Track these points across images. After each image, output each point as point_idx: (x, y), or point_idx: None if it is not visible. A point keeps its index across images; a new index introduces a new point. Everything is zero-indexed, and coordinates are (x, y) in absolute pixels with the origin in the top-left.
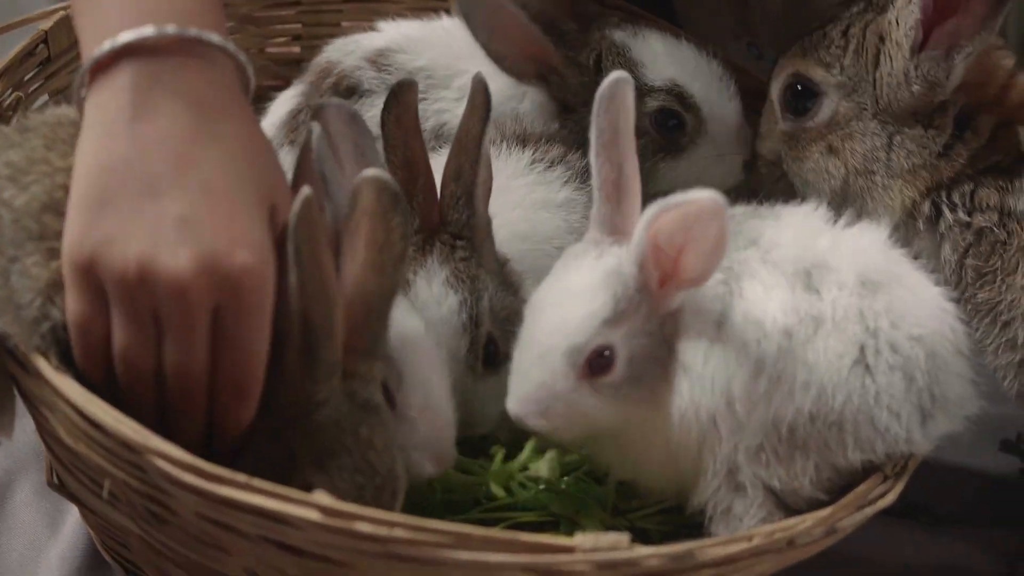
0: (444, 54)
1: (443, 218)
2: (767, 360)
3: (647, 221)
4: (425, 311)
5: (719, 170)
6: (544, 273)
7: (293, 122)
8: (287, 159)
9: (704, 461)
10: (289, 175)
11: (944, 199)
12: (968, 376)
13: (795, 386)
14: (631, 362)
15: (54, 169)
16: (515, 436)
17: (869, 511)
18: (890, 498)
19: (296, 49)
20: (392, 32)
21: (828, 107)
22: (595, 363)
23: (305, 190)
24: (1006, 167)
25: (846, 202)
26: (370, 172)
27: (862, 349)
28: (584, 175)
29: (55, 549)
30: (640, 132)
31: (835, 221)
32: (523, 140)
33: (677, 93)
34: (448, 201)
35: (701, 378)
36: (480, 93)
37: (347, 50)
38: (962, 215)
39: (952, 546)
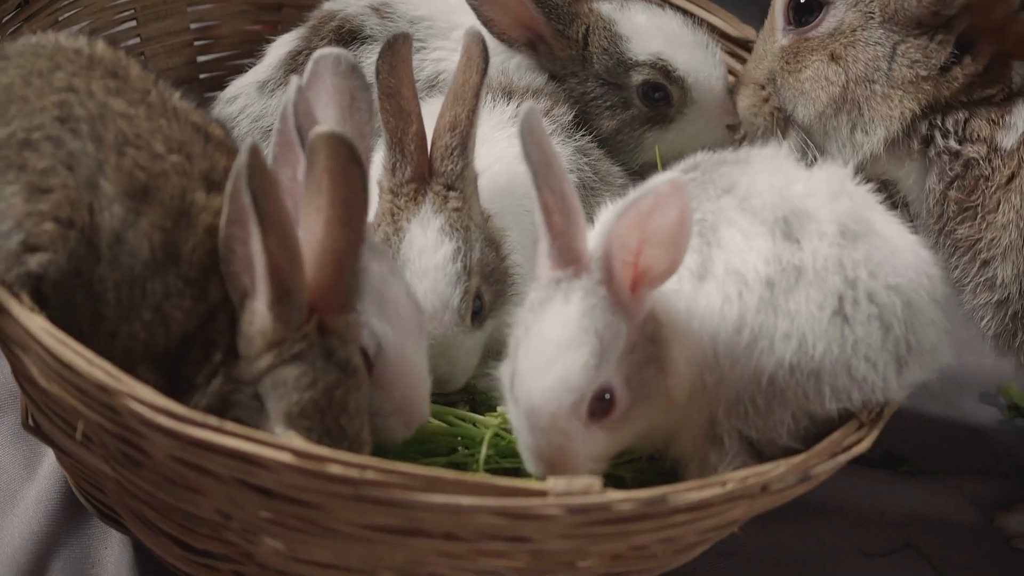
0: (444, 5)
1: (435, 168)
2: (748, 313)
3: (605, 234)
4: (420, 258)
5: (706, 137)
6: (523, 228)
7: (292, 63)
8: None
9: (689, 413)
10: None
11: (939, 124)
12: (943, 325)
13: (776, 337)
14: (629, 383)
15: (32, 109)
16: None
17: (843, 458)
18: (864, 445)
19: None
20: None
21: (835, 16)
22: (597, 408)
23: (249, 141)
24: (999, 102)
25: (840, 112)
26: (323, 129)
27: (840, 299)
28: (569, 129)
29: (31, 491)
30: (627, 104)
31: (803, 162)
32: (508, 93)
33: (662, 67)
34: (442, 152)
35: (688, 333)
36: (477, 45)
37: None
38: (953, 143)
39: (930, 495)
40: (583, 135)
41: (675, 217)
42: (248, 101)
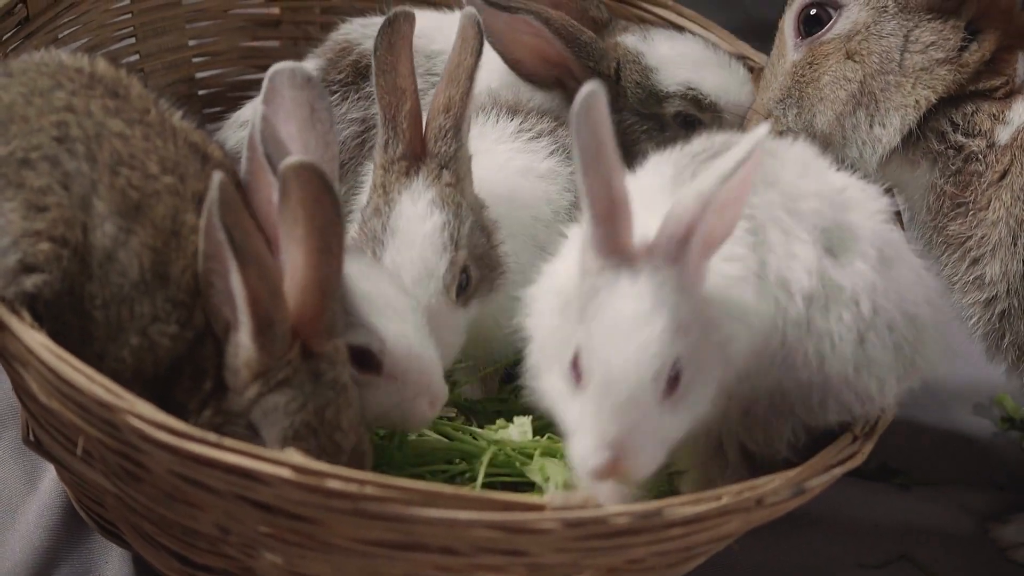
0: None
1: (429, 149)
2: (787, 326)
3: (674, 217)
4: (409, 226)
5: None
6: (519, 236)
7: None
8: None
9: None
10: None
11: (950, 117)
12: (943, 343)
13: (803, 354)
14: (689, 361)
15: (31, 128)
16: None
17: (837, 471)
18: (858, 459)
19: (275, 11)
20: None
21: (848, 18)
22: (671, 380)
23: (217, 175)
24: (1001, 97)
25: (858, 108)
26: (292, 160)
27: (867, 324)
28: (570, 150)
29: (32, 506)
30: (663, 128)
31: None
32: (514, 110)
33: (692, 97)
34: (436, 132)
35: (741, 326)
36: (473, 27)
37: (367, 32)
38: (960, 136)
39: (925, 507)
40: None
41: (738, 190)
42: None
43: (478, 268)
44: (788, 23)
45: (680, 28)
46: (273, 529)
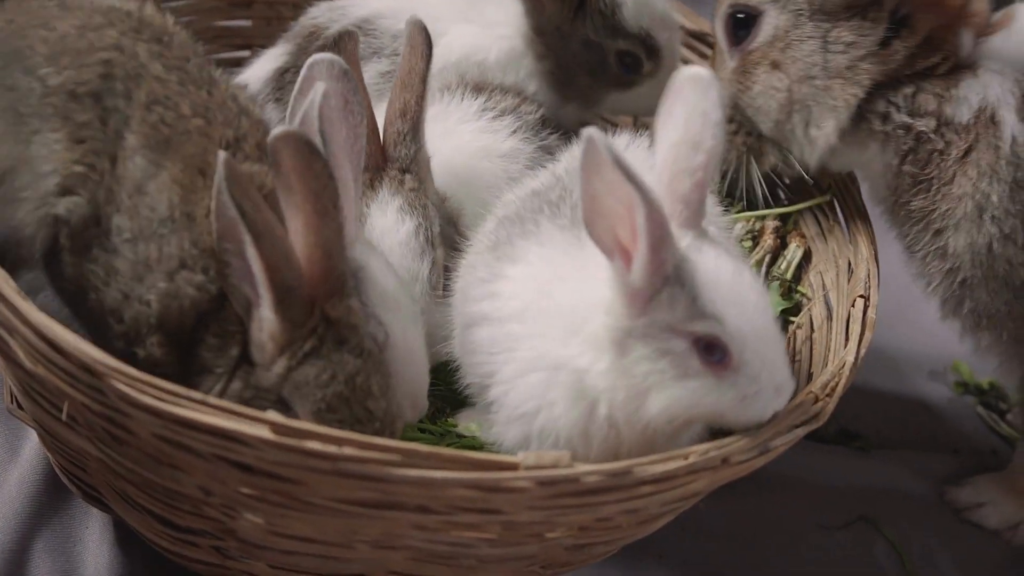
0: (426, 18)
1: (389, 154)
2: None
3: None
4: (383, 239)
5: (654, 104)
6: (478, 219)
7: (280, 80)
8: (273, 115)
9: None
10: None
11: (890, 99)
12: None
13: None
14: None
15: (81, 63)
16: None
17: (801, 431)
18: (821, 419)
19: None
20: (376, 3)
21: (769, 24)
22: None
23: (221, 154)
24: (944, 74)
25: (792, 115)
26: (280, 130)
27: None
28: (535, 127)
29: (13, 472)
30: (603, 66)
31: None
32: (479, 88)
33: (649, 43)
34: (395, 138)
35: None
36: (420, 33)
37: (334, 16)
38: (905, 116)
39: (883, 470)
40: (549, 133)
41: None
42: None
43: (449, 261)
44: (719, 32)
45: None
46: (254, 490)
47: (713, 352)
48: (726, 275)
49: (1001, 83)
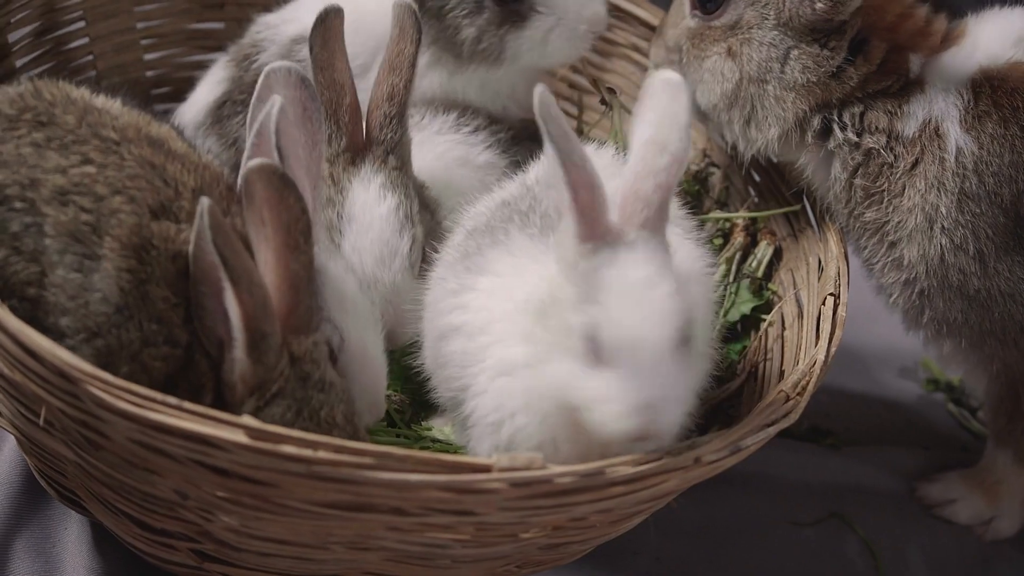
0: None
1: (373, 136)
2: None
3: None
4: (364, 212)
5: (564, 40)
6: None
7: (219, 113)
8: (213, 147)
9: None
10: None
11: (835, 118)
12: None
13: None
14: (693, 318)
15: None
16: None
17: (772, 430)
18: (792, 417)
19: None
20: (307, 19)
21: (734, 10)
22: (684, 338)
23: (204, 201)
24: (895, 92)
25: (733, 107)
26: (255, 162)
27: None
28: (507, 144)
29: None
30: (480, 6)
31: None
32: (449, 106)
33: None
34: (381, 120)
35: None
36: (409, 16)
37: (272, 37)
38: (851, 135)
39: (854, 467)
40: (518, 151)
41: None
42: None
43: (428, 244)
44: None
45: None
46: (230, 493)
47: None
48: (632, 280)
49: (945, 97)
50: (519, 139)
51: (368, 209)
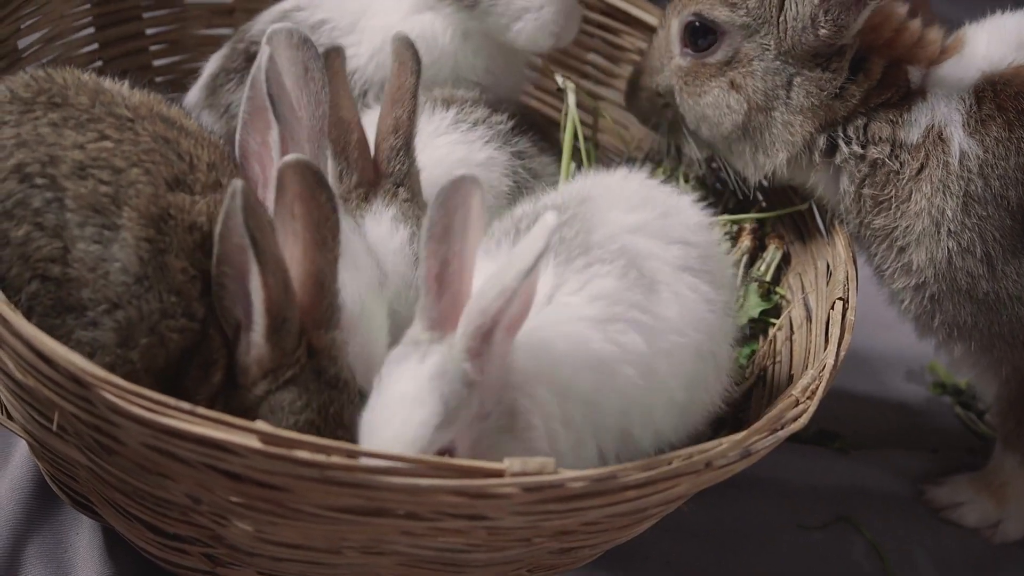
0: (343, 5)
1: (382, 170)
2: None
3: (473, 314)
4: (378, 247)
5: (527, 25)
6: None
7: (212, 85)
8: (207, 120)
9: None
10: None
11: (840, 134)
12: None
13: None
14: (477, 445)
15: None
16: None
17: (783, 434)
18: (803, 420)
19: None
20: None
21: (729, 46)
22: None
23: (237, 182)
24: (896, 102)
25: (744, 138)
26: (290, 157)
27: None
28: (507, 135)
29: (5, 480)
30: None
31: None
32: (448, 102)
33: None
34: (388, 154)
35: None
36: (407, 49)
37: (266, 18)
38: (856, 148)
39: (861, 470)
40: (519, 140)
41: (534, 280)
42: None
43: None
44: (675, 30)
45: None
46: (243, 498)
47: None
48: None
49: (947, 103)
50: (520, 127)
51: (382, 243)
